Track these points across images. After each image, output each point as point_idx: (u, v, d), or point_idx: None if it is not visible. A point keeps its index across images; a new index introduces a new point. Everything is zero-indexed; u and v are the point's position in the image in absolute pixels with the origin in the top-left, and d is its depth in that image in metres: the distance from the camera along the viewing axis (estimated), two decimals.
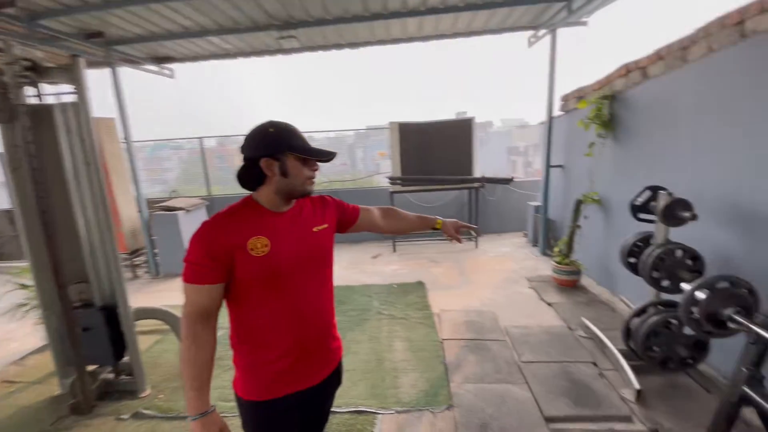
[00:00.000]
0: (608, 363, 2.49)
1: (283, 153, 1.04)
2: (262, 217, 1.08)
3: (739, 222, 2.13)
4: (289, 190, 1.08)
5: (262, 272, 1.03)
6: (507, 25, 4.73)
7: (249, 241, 1.02)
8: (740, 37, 2.06)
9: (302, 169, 1.07)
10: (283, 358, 1.10)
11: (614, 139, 3.39)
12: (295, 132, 1.08)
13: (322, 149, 1.10)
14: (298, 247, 1.11)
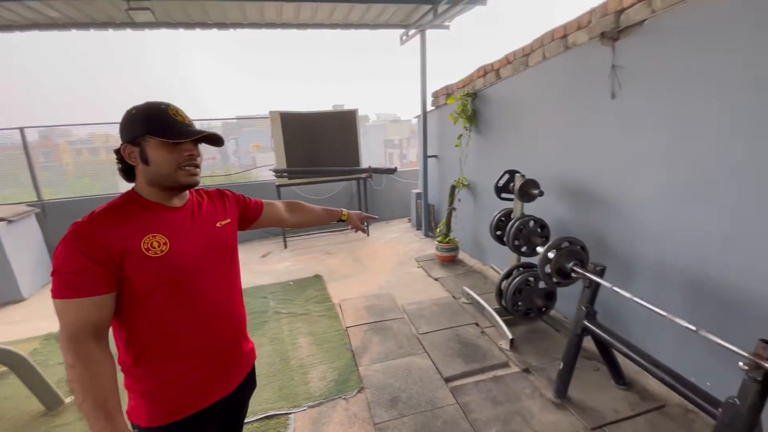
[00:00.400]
0: (487, 321, 2.92)
1: (141, 137, 0.91)
2: (155, 213, 0.95)
3: (568, 196, 2.72)
4: (157, 181, 0.94)
5: (163, 274, 0.91)
6: (381, 21, 4.95)
7: (143, 241, 0.90)
8: (565, 48, 2.60)
9: (167, 154, 0.92)
10: (195, 370, 1.00)
11: (477, 131, 3.92)
12: (159, 111, 0.93)
13: (186, 128, 0.95)
14: (201, 243, 1.01)
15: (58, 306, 0.83)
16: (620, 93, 2.22)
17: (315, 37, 38.69)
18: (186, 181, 0.96)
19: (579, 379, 2.14)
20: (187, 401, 1.00)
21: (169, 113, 0.93)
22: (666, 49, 1.94)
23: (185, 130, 0.94)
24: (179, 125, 0.93)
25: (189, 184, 0.98)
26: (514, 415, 1.98)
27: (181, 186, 0.97)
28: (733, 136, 1.68)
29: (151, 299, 0.91)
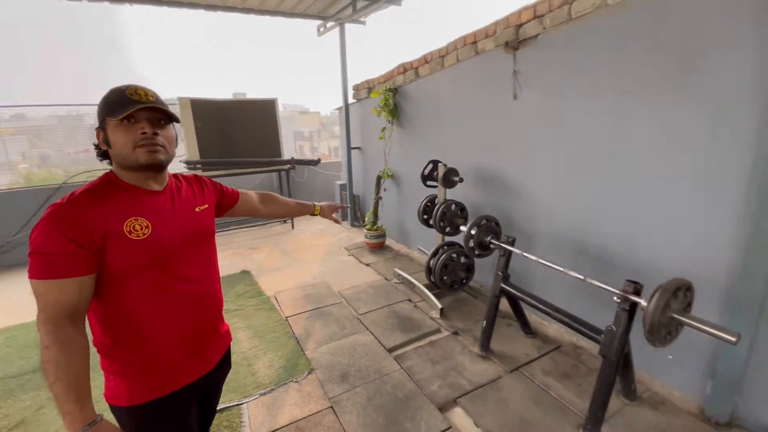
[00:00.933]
0: (418, 297, 3.23)
1: (103, 120, 0.93)
2: (135, 196, 0.96)
3: (482, 182, 3.16)
4: (121, 163, 0.94)
5: (145, 257, 0.93)
6: (298, 10, 4.89)
7: (125, 224, 0.91)
8: (475, 53, 2.99)
9: (123, 134, 0.91)
10: (175, 349, 1.03)
11: (399, 125, 4.21)
12: (116, 93, 0.93)
13: (132, 101, 0.91)
14: (181, 227, 1.03)
15: (38, 287, 0.83)
16: (520, 94, 2.67)
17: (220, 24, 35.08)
18: (145, 160, 0.93)
19: (497, 335, 2.56)
20: (167, 380, 1.02)
21: (126, 93, 0.92)
22: (553, 59, 2.40)
23: (121, 105, 0.91)
24: (132, 103, 0.91)
25: (149, 163, 0.95)
26: (450, 370, 2.29)
27: (142, 166, 0.94)
28: (600, 131, 2.20)
29: (132, 281, 0.92)
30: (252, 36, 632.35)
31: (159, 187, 1.03)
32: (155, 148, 0.95)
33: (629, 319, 1.66)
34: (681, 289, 1.46)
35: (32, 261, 0.83)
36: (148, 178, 0.99)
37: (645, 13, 1.90)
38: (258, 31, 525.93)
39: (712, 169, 1.74)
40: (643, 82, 1.95)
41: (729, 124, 1.66)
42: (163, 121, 0.97)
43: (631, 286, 1.62)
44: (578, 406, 1.97)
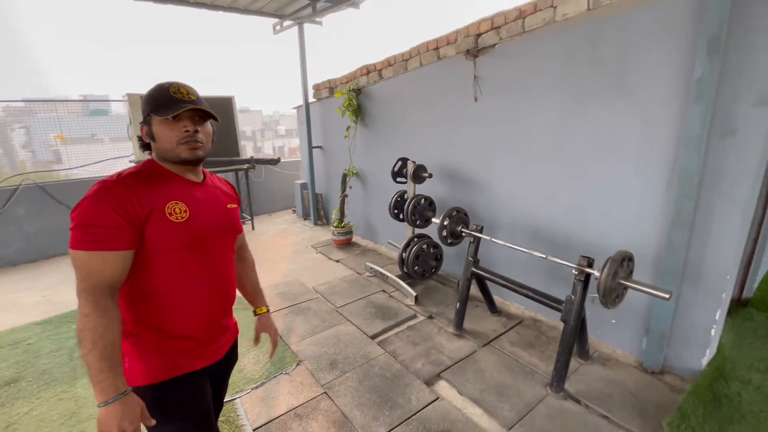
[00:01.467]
0: (391, 287, 3.40)
1: (148, 116, 1.00)
2: (175, 182, 1.04)
3: (447, 177, 3.41)
4: (164, 156, 1.02)
5: (182, 239, 0.99)
6: (254, 7, 4.82)
7: (167, 205, 0.97)
8: (438, 59, 3.23)
9: (168, 131, 0.99)
10: (195, 331, 1.07)
11: (363, 124, 4.35)
12: (160, 91, 1.00)
13: (181, 105, 0.98)
14: (215, 218, 1.10)
15: (82, 258, 0.87)
16: (481, 97, 2.95)
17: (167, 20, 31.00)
18: (186, 156, 1.02)
19: (467, 315, 2.81)
20: (183, 361, 1.05)
21: (170, 91, 0.99)
22: (510, 66, 2.70)
23: (179, 106, 0.98)
24: (176, 103, 0.98)
25: (190, 159, 1.03)
26: (430, 349, 2.49)
27: (183, 161, 1.03)
28: (551, 130, 2.53)
29: (164, 260, 0.97)
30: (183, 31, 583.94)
31: (196, 178, 1.11)
32: (196, 145, 1.03)
33: (584, 288, 1.97)
34: (625, 260, 1.79)
35: (77, 233, 0.87)
36: (186, 170, 1.08)
37: (586, 30, 2.24)
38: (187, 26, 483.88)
39: (643, 162, 2.12)
40: (587, 87, 2.29)
41: (654, 125, 2.04)
42: (202, 118, 1.04)
43: (585, 260, 1.93)
44: (543, 368, 2.27)
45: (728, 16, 1.71)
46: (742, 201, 1.82)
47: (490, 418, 1.93)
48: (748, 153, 1.78)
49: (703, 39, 1.75)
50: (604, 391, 2.07)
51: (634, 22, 2.04)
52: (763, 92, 1.70)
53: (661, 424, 1.80)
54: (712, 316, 2.00)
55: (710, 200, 1.91)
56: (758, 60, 1.70)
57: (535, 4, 2.46)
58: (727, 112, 1.80)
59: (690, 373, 2.12)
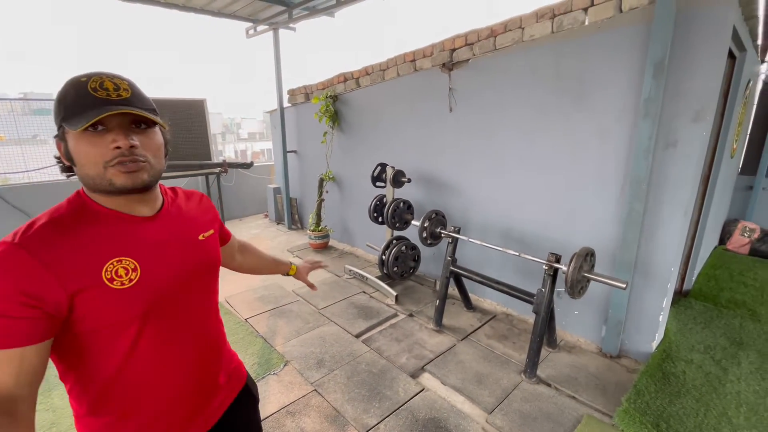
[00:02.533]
0: (371, 288, 3.51)
1: (61, 127, 0.68)
2: (116, 226, 0.72)
3: (424, 182, 3.58)
4: (91, 185, 0.69)
5: (131, 310, 0.70)
6: (228, 10, 4.80)
7: (104, 269, 0.67)
8: (414, 70, 3.41)
9: (90, 148, 0.66)
10: (175, 409, 0.81)
11: (340, 130, 4.44)
12: (75, 87, 0.66)
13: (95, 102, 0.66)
14: (180, 264, 0.79)
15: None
16: (455, 108, 3.15)
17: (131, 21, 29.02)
18: (122, 183, 0.68)
19: (445, 312, 2.97)
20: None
21: (89, 88, 0.66)
22: (483, 80, 2.92)
23: (98, 108, 0.65)
24: (97, 105, 0.65)
25: (128, 189, 0.70)
26: (413, 345, 2.62)
27: (119, 191, 0.70)
28: (520, 138, 2.76)
29: (113, 340, 0.70)
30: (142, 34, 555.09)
31: (149, 211, 0.77)
32: (135, 166, 0.69)
33: (553, 282, 2.19)
34: (588, 255, 2.02)
35: None
36: (131, 201, 0.74)
37: (550, 51, 2.50)
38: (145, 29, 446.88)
39: (600, 168, 2.39)
40: (551, 102, 2.55)
41: (609, 138, 2.32)
42: (144, 123, 0.71)
43: (554, 256, 2.15)
44: (516, 358, 2.46)
45: (670, 44, 2.00)
46: (683, 203, 2.12)
47: (472, 404, 2.08)
48: (687, 162, 2.07)
49: (650, 63, 2.03)
50: (571, 375, 2.30)
51: (591, 45, 2.31)
52: (699, 110, 2.00)
53: (621, 400, 2.03)
54: (660, 304, 2.29)
55: (657, 203, 2.19)
56: (694, 83, 2.00)
57: (505, 25, 2.70)
58: (669, 127, 2.10)
59: (643, 356, 2.40)
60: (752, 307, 3.02)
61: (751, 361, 2.37)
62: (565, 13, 2.40)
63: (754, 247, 4.19)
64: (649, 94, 2.05)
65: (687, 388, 2.14)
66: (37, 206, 4.46)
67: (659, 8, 1.98)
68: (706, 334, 2.67)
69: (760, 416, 1.94)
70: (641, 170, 2.14)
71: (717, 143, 2.92)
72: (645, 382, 2.15)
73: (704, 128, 2.01)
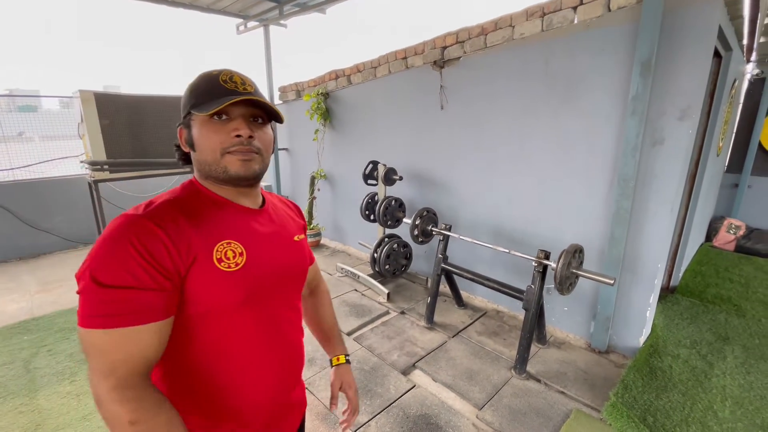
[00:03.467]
0: (363, 286, 3.50)
1: (189, 115, 0.72)
2: (226, 212, 0.75)
3: (415, 179, 3.58)
4: (206, 172, 0.73)
5: (236, 294, 0.70)
6: (218, 6, 4.75)
7: (215, 249, 0.69)
8: (406, 68, 3.40)
9: (212, 134, 0.70)
10: (255, 416, 0.79)
11: (332, 127, 4.42)
12: (207, 79, 0.72)
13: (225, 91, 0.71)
14: (280, 259, 0.81)
15: (98, 339, 0.58)
16: (447, 105, 3.15)
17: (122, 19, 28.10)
18: (236, 171, 0.72)
19: (436, 309, 2.98)
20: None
21: (219, 79, 0.71)
22: (474, 78, 2.93)
23: (226, 99, 0.69)
24: (226, 94, 0.70)
25: (240, 177, 0.73)
26: (404, 342, 2.63)
27: (232, 178, 0.73)
28: (510, 137, 2.78)
29: (211, 326, 0.70)
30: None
31: (253, 204, 0.81)
32: (250, 156, 0.72)
33: (542, 278, 2.20)
34: (577, 251, 2.04)
35: (88, 303, 0.58)
36: (239, 193, 0.78)
37: (540, 49, 2.51)
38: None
39: (589, 166, 2.41)
40: (541, 100, 2.56)
41: (598, 136, 2.34)
42: (261, 119, 0.75)
43: (543, 253, 2.17)
44: (507, 354, 2.48)
45: (657, 43, 2.02)
46: (670, 200, 2.15)
47: (463, 400, 2.09)
48: (674, 159, 2.10)
49: (638, 62, 2.05)
50: (560, 370, 2.32)
51: (580, 43, 2.33)
52: (684, 108, 2.03)
53: (609, 394, 2.06)
54: (647, 300, 2.32)
55: (644, 200, 2.22)
56: (681, 81, 2.03)
57: (495, 23, 2.71)
58: (656, 125, 2.12)
59: (630, 351, 2.43)
60: (737, 303, 3.08)
61: (736, 356, 2.42)
62: (554, 11, 2.41)
63: (740, 243, 4.27)
64: (636, 92, 2.07)
65: (674, 382, 2.17)
66: (22, 205, 4.37)
67: (646, 7, 2.00)
68: (693, 329, 2.71)
69: (745, 409, 1.98)
70: (629, 168, 2.16)
71: (703, 141, 2.97)
72: (632, 376, 2.18)
73: (690, 126, 2.04)
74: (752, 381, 2.19)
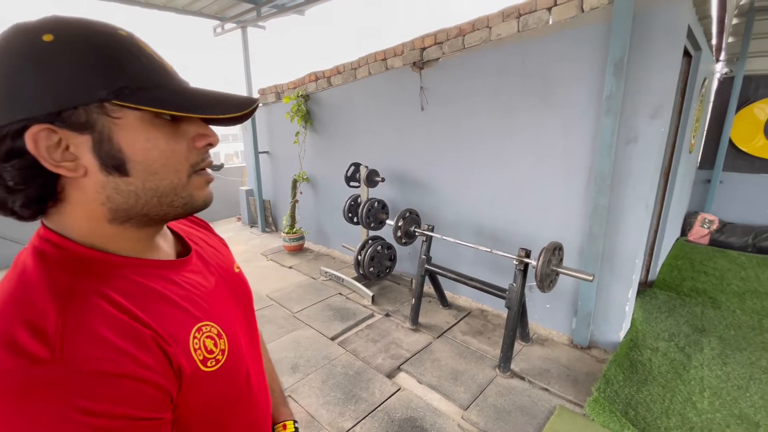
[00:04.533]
0: (347, 290, 3.47)
1: (99, 105, 0.40)
2: (167, 279, 0.49)
3: (397, 181, 3.57)
4: (142, 207, 0.45)
5: (230, 393, 0.52)
6: (193, 8, 4.66)
7: (191, 345, 0.46)
8: (386, 69, 3.39)
9: (173, 144, 0.45)
10: None
11: (313, 130, 4.37)
12: (134, 47, 0.43)
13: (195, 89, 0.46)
14: (241, 310, 0.63)
15: None
16: (427, 106, 3.16)
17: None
18: (204, 199, 0.50)
19: (421, 311, 2.97)
20: None
21: (146, 49, 0.44)
22: (453, 78, 2.94)
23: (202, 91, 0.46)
24: (178, 78, 0.46)
25: (207, 204, 0.51)
26: (389, 345, 2.60)
27: (187, 212, 0.50)
28: (490, 137, 2.79)
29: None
30: None
31: (171, 250, 0.56)
32: (208, 177, 0.51)
33: (523, 276, 2.22)
34: (556, 249, 2.06)
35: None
36: (156, 237, 0.52)
37: (516, 49, 2.53)
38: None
39: (566, 165, 2.44)
40: (519, 99, 2.58)
41: (575, 134, 2.37)
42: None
43: (524, 251, 2.18)
44: (491, 353, 2.49)
45: (629, 43, 2.06)
46: (644, 197, 2.19)
47: (448, 401, 2.08)
48: (647, 157, 2.14)
49: (611, 61, 2.09)
50: (543, 367, 2.34)
51: (555, 44, 2.36)
52: (657, 106, 2.08)
53: (591, 390, 2.08)
54: (626, 295, 2.36)
55: (620, 197, 2.26)
56: (652, 80, 2.07)
57: (473, 24, 2.72)
58: (630, 123, 2.17)
59: (611, 345, 2.46)
60: (712, 295, 3.17)
61: (712, 347, 2.48)
62: (530, 12, 2.44)
63: (714, 237, 4.40)
64: (610, 91, 2.11)
65: (653, 375, 2.21)
66: None
67: (617, 7, 2.03)
68: (670, 322, 2.78)
69: (723, 400, 2.02)
70: (605, 165, 2.20)
71: (676, 139, 3.05)
72: (613, 371, 2.21)
73: (662, 124, 2.09)
74: (729, 372, 2.25)
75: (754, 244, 4.21)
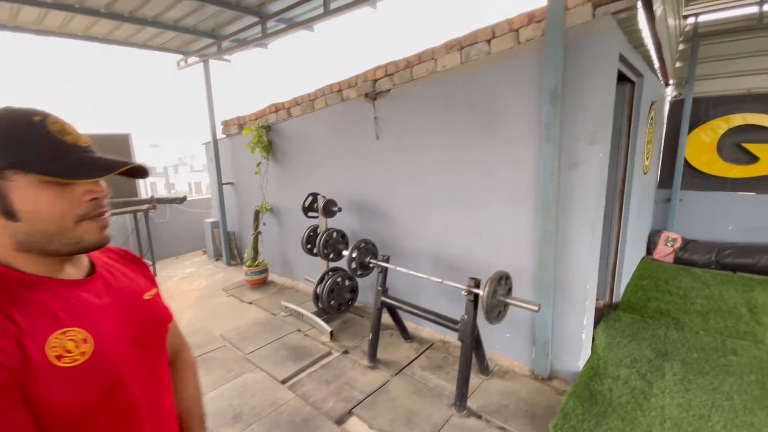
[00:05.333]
0: (307, 325, 3.31)
1: (4, 168, 0.56)
2: (48, 290, 0.61)
3: (356, 210, 3.51)
4: (38, 244, 0.59)
5: (88, 391, 0.58)
6: (155, 43, 4.65)
7: (48, 343, 0.56)
8: (341, 100, 3.40)
9: (58, 200, 0.58)
10: None
11: (275, 160, 4.32)
12: (30, 127, 0.58)
13: (86, 155, 0.61)
14: (130, 330, 0.69)
15: None
16: (382, 136, 3.15)
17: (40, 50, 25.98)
18: (93, 242, 0.63)
19: (381, 345, 2.84)
20: None
21: (51, 129, 0.58)
22: (404, 109, 2.95)
23: (87, 159, 0.61)
24: (73, 150, 0.60)
25: (96, 247, 0.64)
26: (343, 386, 2.45)
27: (83, 249, 0.63)
28: (441, 166, 2.78)
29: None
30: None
31: (80, 272, 0.68)
32: (107, 219, 0.65)
33: (474, 307, 2.14)
34: (503, 278, 2.00)
35: None
36: (64, 262, 0.65)
37: (461, 80, 2.57)
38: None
39: (515, 192, 2.43)
40: (467, 129, 2.59)
41: (520, 162, 2.37)
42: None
43: (473, 281, 2.11)
44: (449, 389, 2.36)
45: (563, 72, 2.10)
46: (590, 222, 2.17)
47: None
48: (589, 182, 2.15)
49: (546, 91, 2.12)
50: (502, 402, 2.22)
51: (497, 74, 2.40)
52: (593, 133, 2.10)
53: (548, 426, 1.97)
54: (581, 322, 2.30)
55: (567, 222, 2.24)
56: (588, 107, 2.10)
57: (420, 56, 2.77)
58: (570, 150, 2.18)
59: (572, 375, 2.38)
60: (676, 316, 3.14)
61: (674, 372, 2.42)
62: (471, 44, 2.49)
63: (678, 255, 4.45)
64: (548, 119, 2.13)
65: (613, 406, 2.12)
66: None
67: (549, 39, 2.08)
68: (633, 347, 2.71)
69: (683, 431, 1.94)
70: (549, 192, 2.19)
71: (626, 161, 3.10)
72: (572, 404, 2.11)
73: (601, 149, 2.10)
74: (690, 399, 2.17)
75: (717, 260, 4.26)
